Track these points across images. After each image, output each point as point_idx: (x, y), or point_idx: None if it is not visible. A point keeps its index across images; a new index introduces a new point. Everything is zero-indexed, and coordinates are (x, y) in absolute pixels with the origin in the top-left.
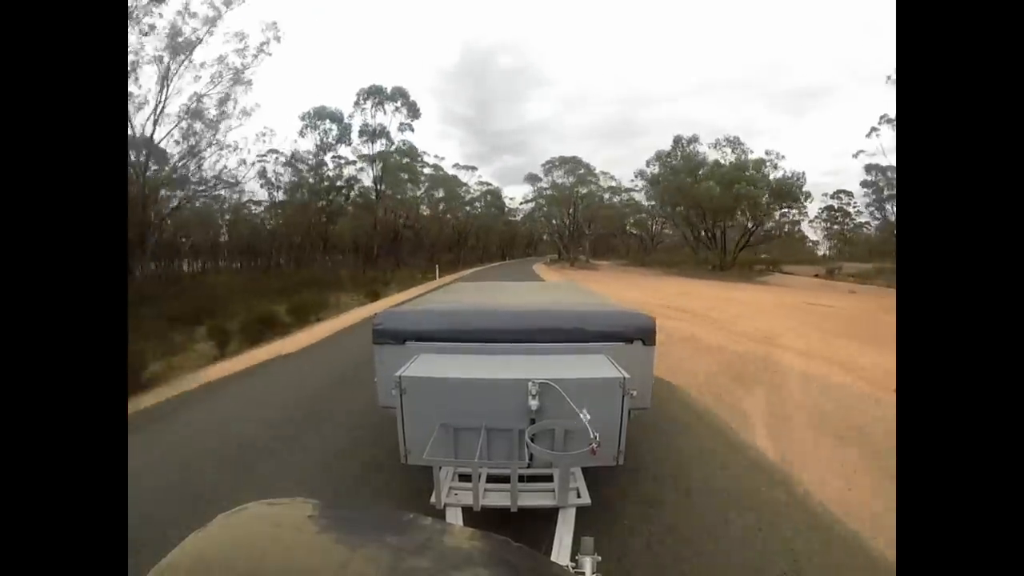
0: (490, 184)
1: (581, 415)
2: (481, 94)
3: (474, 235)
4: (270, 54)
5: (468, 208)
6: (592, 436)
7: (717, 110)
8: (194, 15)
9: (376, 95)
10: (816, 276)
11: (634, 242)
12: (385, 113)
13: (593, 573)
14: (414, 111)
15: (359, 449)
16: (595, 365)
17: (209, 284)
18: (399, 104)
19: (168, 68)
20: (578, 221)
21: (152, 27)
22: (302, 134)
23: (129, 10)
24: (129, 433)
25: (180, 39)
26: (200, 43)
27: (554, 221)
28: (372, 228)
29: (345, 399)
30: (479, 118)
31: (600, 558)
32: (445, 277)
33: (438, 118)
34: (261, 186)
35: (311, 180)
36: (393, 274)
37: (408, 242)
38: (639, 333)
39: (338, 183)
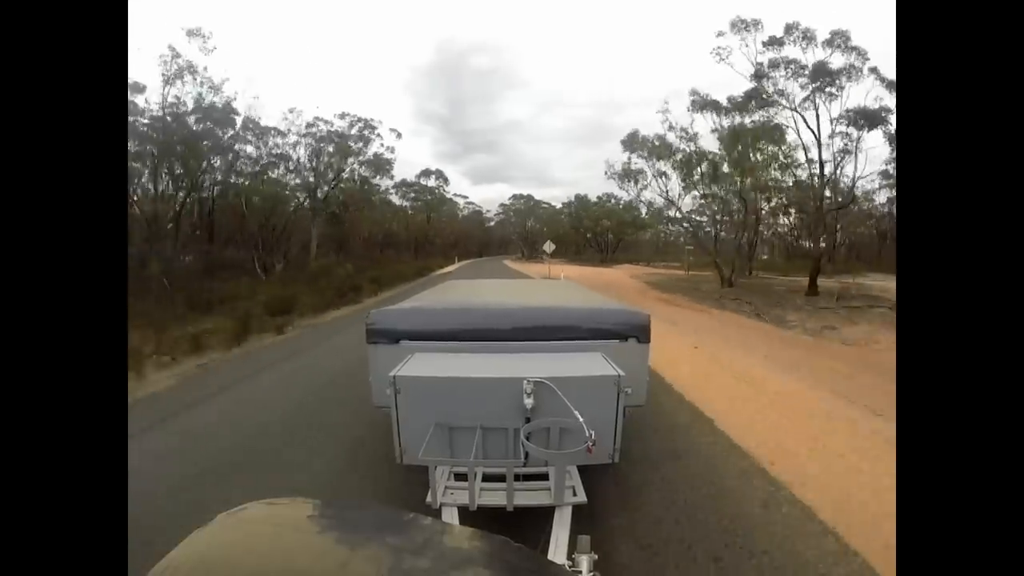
0: (474, 204)
1: (576, 413)
2: (455, 93)
3: (463, 239)
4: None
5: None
6: (588, 434)
7: (689, 117)
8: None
9: (427, 174)
10: (648, 265)
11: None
12: (430, 180)
13: (590, 572)
14: (445, 179)
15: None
16: (590, 363)
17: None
18: (438, 176)
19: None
20: (531, 231)
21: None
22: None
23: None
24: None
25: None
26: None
27: (517, 230)
28: (424, 237)
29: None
30: (453, 117)
31: (596, 556)
32: (460, 263)
33: (411, 115)
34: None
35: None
36: (428, 261)
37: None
38: (634, 331)
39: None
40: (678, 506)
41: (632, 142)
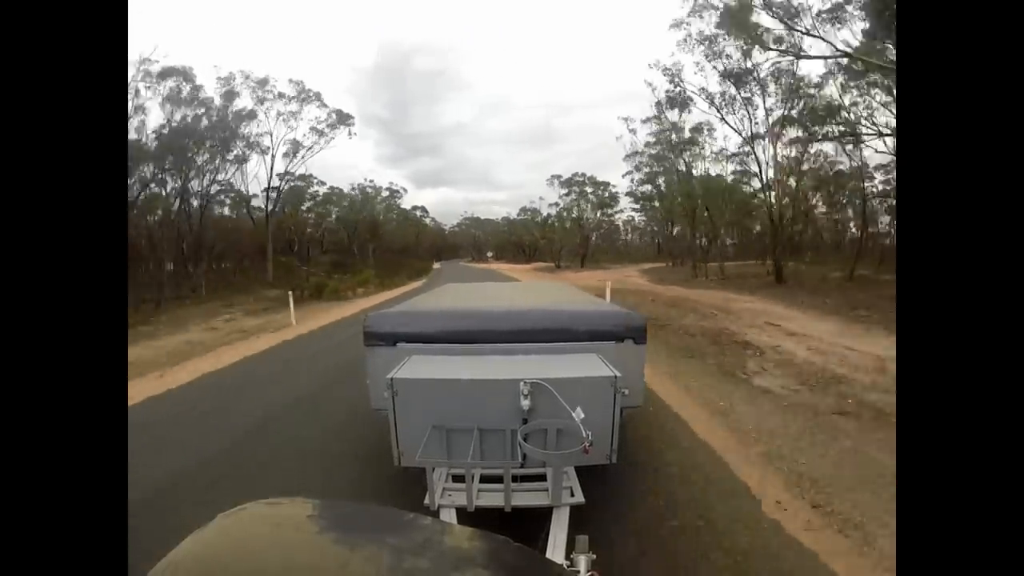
0: (436, 220)
1: (573, 414)
2: (398, 95)
3: (430, 247)
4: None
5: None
6: (584, 435)
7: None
8: None
9: (415, 208)
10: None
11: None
12: (417, 212)
13: (588, 571)
14: (426, 211)
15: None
16: (587, 364)
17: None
18: (422, 211)
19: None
20: (479, 240)
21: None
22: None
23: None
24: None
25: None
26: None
27: (469, 239)
28: (412, 245)
29: (457, 271)
30: (396, 120)
31: (595, 556)
32: (438, 263)
33: (353, 117)
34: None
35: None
36: (424, 263)
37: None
38: (630, 332)
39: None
40: None
41: (523, 211)
